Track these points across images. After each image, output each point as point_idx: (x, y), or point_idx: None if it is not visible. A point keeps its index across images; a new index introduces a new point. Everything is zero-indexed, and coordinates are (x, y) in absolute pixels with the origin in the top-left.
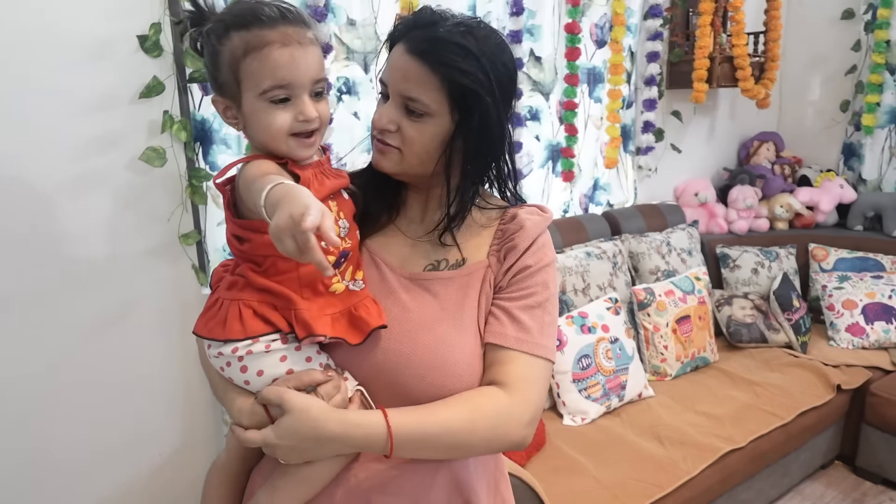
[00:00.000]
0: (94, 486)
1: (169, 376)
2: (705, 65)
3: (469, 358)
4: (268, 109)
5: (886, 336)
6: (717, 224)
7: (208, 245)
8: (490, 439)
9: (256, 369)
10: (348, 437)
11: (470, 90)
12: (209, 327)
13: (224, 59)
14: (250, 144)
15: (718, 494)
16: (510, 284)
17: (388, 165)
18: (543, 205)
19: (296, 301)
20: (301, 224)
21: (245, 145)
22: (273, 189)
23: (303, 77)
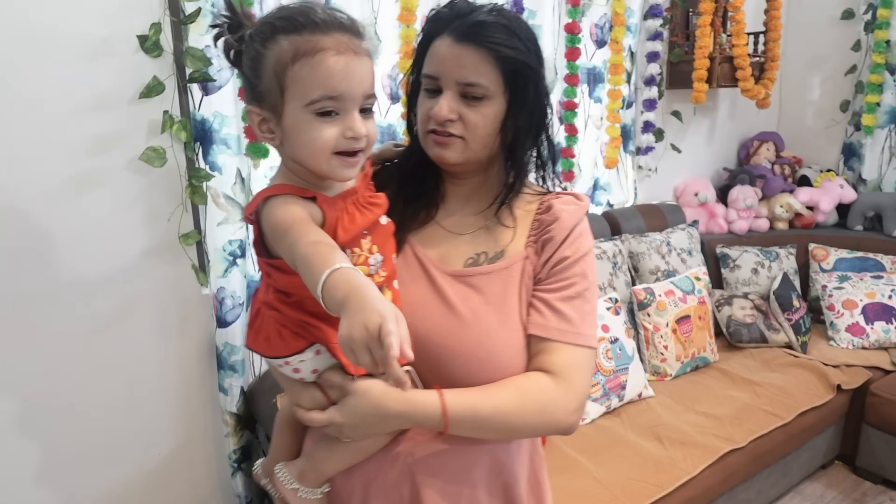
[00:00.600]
0: (94, 485)
1: (169, 376)
2: (705, 65)
3: (513, 350)
4: (313, 122)
5: (886, 336)
6: (717, 224)
7: (208, 245)
8: (537, 424)
9: (310, 369)
10: (407, 415)
11: (522, 65)
12: (258, 342)
13: (268, 65)
14: (283, 161)
15: (718, 494)
16: (549, 276)
17: (453, 156)
18: (579, 193)
19: (325, 331)
20: (383, 339)
21: (245, 145)
22: (333, 276)
23: (355, 89)
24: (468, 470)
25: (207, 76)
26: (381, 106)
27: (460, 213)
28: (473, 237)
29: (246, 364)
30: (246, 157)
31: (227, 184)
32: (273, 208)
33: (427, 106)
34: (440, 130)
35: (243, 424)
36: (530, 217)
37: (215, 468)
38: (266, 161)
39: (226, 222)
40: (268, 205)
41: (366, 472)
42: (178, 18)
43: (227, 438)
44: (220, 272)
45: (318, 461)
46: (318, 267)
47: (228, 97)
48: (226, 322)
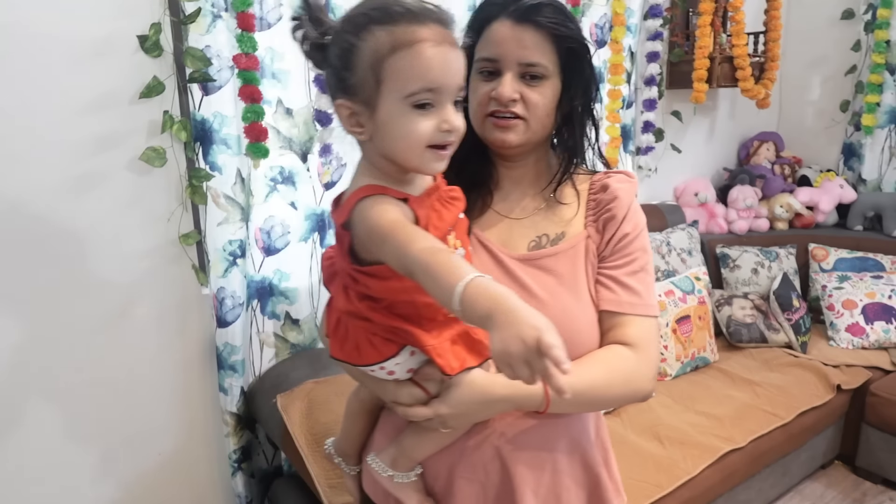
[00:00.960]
0: (94, 485)
1: (169, 376)
2: (705, 65)
3: (589, 326)
4: (409, 115)
5: (886, 336)
6: (717, 224)
7: (208, 245)
8: (624, 394)
9: (405, 369)
10: (511, 398)
11: (578, 43)
12: (346, 352)
13: (363, 57)
14: (364, 158)
15: (718, 494)
16: (613, 253)
17: (515, 138)
18: (628, 170)
19: (418, 335)
20: (547, 352)
21: (245, 145)
22: (469, 289)
23: (452, 82)
24: (552, 441)
25: (207, 76)
26: None
27: (515, 197)
28: (531, 220)
29: (246, 364)
30: (246, 157)
31: (227, 184)
32: (368, 210)
33: (486, 89)
34: (502, 112)
35: (243, 424)
36: (584, 196)
37: (215, 468)
38: (266, 161)
39: (226, 222)
40: (361, 206)
41: (451, 454)
42: (178, 18)
43: (227, 438)
44: (220, 272)
45: (407, 448)
46: (448, 279)
47: (228, 97)
48: (226, 322)
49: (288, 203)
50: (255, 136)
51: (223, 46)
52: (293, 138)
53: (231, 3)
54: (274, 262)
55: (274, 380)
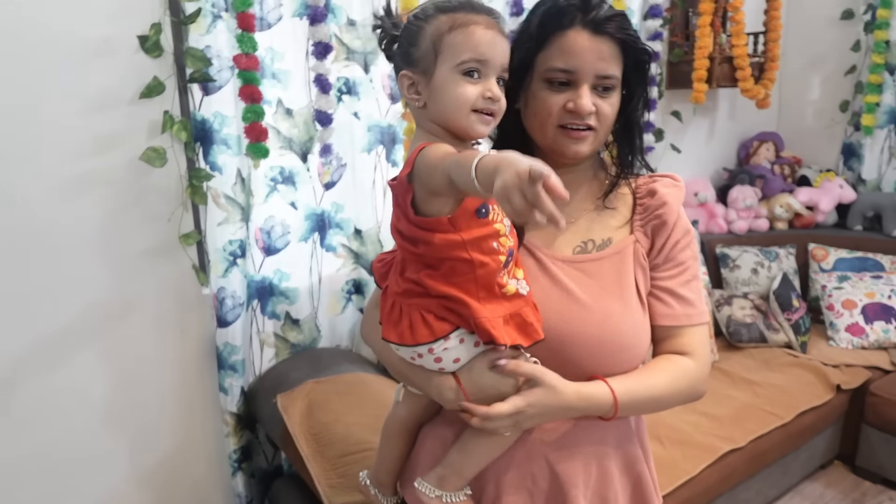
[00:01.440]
0: (94, 485)
1: (168, 376)
2: (705, 65)
3: (634, 330)
4: (459, 81)
5: (886, 336)
6: (716, 224)
7: (208, 245)
8: (684, 399)
9: (452, 358)
10: (582, 405)
11: (645, 52)
12: (399, 333)
13: (427, 34)
14: (419, 125)
15: (718, 494)
16: (666, 262)
17: (587, 149)
18: (674, 174)
19: (473, 306)
20: (535, 178)
21: (245, 145)
22: (483, 159)
23: (497, 58)
24: (597, 440)
25: (207, 76)
26: (380, 105)
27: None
28: (577, 226)
29: (246, 364)
30: (246, 157)
31: (228, 184)
32: (426, 152)
33: (558, 99)
34: (577, 124)
35: (243, 424)
36: (629, 200)
37: (215, 468)
38: (266, 161)
39: (226, 222)
40: (423, 153)
41: (496, 466)
42: (178, 18)
43: (227, 438)
44: (221, 272)
45: (456, 464)
46: (471, 157)
47: (228, 97)
48: (226, 322)
49: (288, 203)
50: (255, 136)
51: (223, 46)
52: (293, 138)
53: (231, 4)
54: (274, 262)
55: (274, 380)
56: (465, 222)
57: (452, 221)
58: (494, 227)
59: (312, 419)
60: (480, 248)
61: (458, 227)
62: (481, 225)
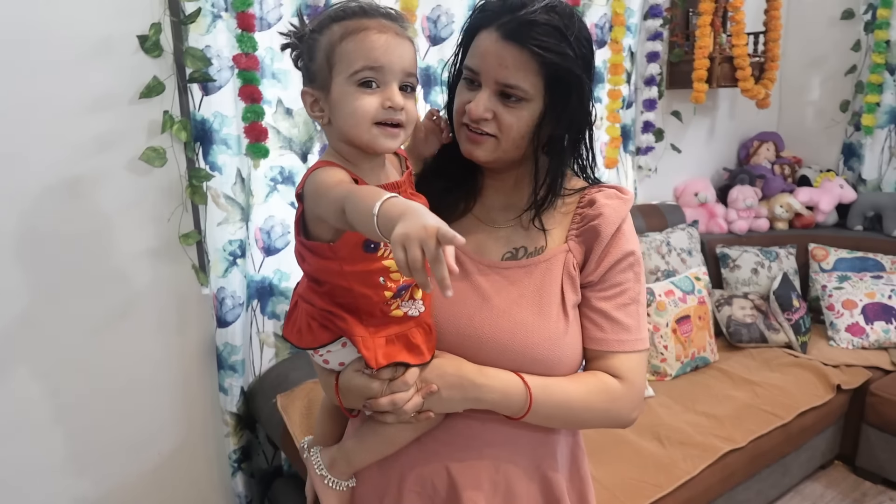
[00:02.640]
0: (94, 485)
1: (168, 376)
2: (705, 65)
3: (549, 342)
4: (356, 93)
5: (886, 336)
6: (717, 224)
7: (208, 245)
8: (604, 418)
9: (337, 361)
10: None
11: (568, 71)
12: (292, 333)
13: (321, 46)
14: (328, 144)
15: (718, 494)
16: (602, 281)
17: (483, 154)
18: (623, 186)
19: (350, 323)
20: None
21: (245, 145)
22: (389, 202)
23: (395, 64)
24: (508, 462)
25: (207, 76)
26: None
27: (498, 205)
28: (512, 231)
29: (246, 364)
30: (246, 157)
31: (227, 184)
32: (318, 175)
33: (464, 98)
34: (473, 127)
35: (243, 424)
36: (571, 209)
37: (215, 468)
38: (266, 161)
39: (226, 222)
40: (313, 174)
41: (401, 465)
42: (178, 18)
43: (227, 438)
44: (220, 272)
45: (349, 450)
46: (372, 199)
47: (228, 97)
48: (226, 322)
49: (288, 203)
50: (255, 136)
51: (223, 46)
52: (293, 138)
53: (231, 3)
54: (274, 262)
55: (274, 380)
56: (349, 253)
57: (333, 250)
58: (383, 264)
59: (312, 419)
60: (363, 281)
61: (339, 255)
62: (367, 259)
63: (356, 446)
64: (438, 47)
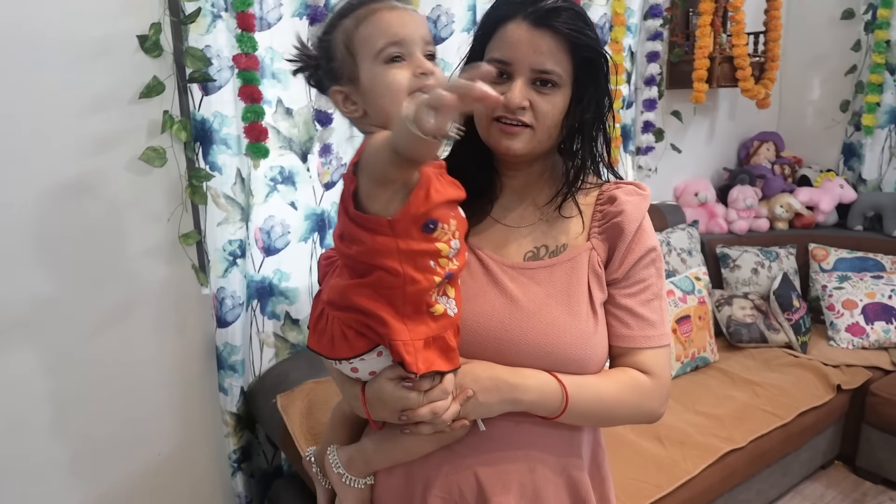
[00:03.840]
0: (94, 485)
1: (168, 376)
2: (705, 65)
3: (580, 340)
4: (386, 70)
5: (886, 336)
6: (717, 224)
7: (208, 245)
8: (634, 414)
9: (368, 369)
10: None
11: (597, 52)
12: (321, 344)
13: (337, 42)
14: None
15: (718, 494)
16: (626, 278)
17: (519, 146)
18: (640, 182)
19: (392, 326)
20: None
21: (245, 145)
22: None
23: (414, 33)
24: (535, 463)
25: (207, 76)
26: None
27: (517, 205)
28: (532, 230)
29: (246, 364)
30: (246, 157)
31: (227, 184)
32: (371, 140)
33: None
34: (509, 118)
35: (243, 424)
36: (590, 208)
37: (215, 468)
38: (266, 161)
39: (226, 222)
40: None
41: (426, 473)
42: (178, 18)
43: (227, 438)
44: (220, 272)
45: (367, 451)
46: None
47: (228, 97)
48: (226, 322)
49: (288, 203)
50: (255, 136)
51: (223, 46)
52: (293, 138)
53: (231, 3)
54: (274, 262)
55: (274, 380)
56: (406, 230)
57: (392, 225)
58: (437, 246)
59: (312, 419)
60: (415, 263)
61: (397, 232)
62: (423, 239)
63: (376, 449)
64: (438, 47)
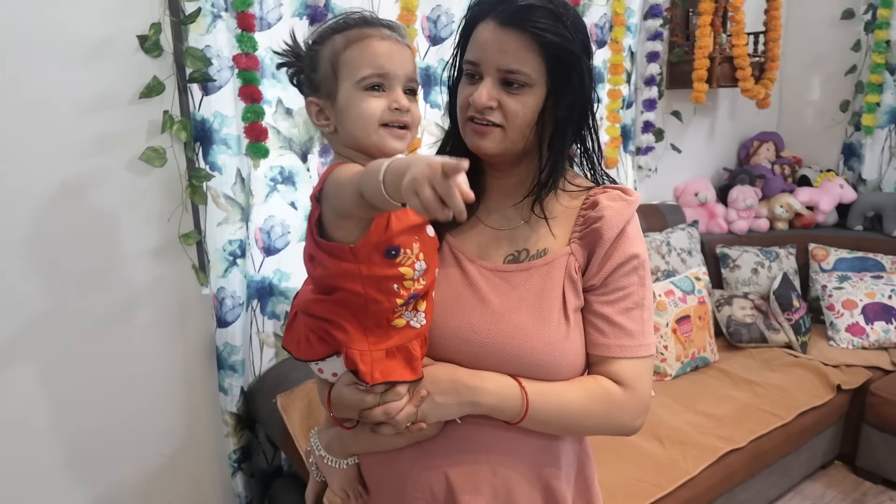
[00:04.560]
0: (94, 485)
1: (169, 376)
2: (705, 65)
3: (548, 346)
4: (362, 97)
5: (886, 336)
6: (717, 224)
7: (208, 245)
8: (603, 425)
9: (331, 371)
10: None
11: (567, 52)
12: (290, 344)
13: (324, 56)
14: (336, 151)
15: (718, 494)
16: (605, 285)
17: (490, 146)
18: (628, 187)
19: (351, 335)
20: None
21: (245, 145)
22: (394, 162)
23: (398, 69)
24: (508, 469)
25: (207, 76)
26: None
27: (500, 207)
28: (514, 233)
29: (246, 364)
30: (246, 157)
31: (227, 184)
32: (337, 172)
33: (467, 93)
34: (479, 118)
35: (243, 424)
36: (575, 211)
37: (216, 468)
38: (266, 161)
39: (226, 222)
40: (333, 172)
41: (403, 469)
42: (178, 18)
43: (227, 438)
44: (220, 272)
45: (342, 437)
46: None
47: (228, 97)
48: (226, 322)
49: (288, 203)
50: (255, 136)
51: (223, 46)
52: (293, 138)
53: (231, 3)
54: (274, 262)
55: (274, 380)
56: (368, 257)
57: (354, 251)
58: (400, 271)
59: (312, 419)
60: (378, 287)
61: (359, 258)
62: (386, 265)
63: (350, 438)
64: (438, 47)
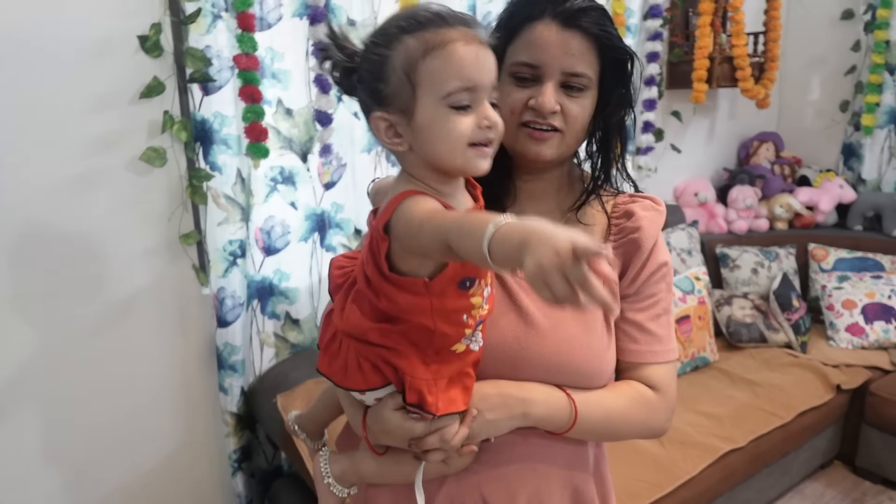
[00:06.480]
0: (95, 485)
1: (169, 376)
2: (705, 65)
3: (594, 357)
4: (449, 115)
5: (886, 336)
6: (716, 224)
7: (208, 245)
8: (641, 429)
9: (373, 396)
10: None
11: (624, 52)
12: (332, 370)
13: (395, 65)
14: (406, 171)
15: (718, 494)
16: (637, 293)
17: (550, 152)
18: (655, 196)
19: (414, 365)
20: (580, 255)
21: (245, 145)
22: (502, 229)
23: (486, 79)
24: (541, 476)
25: (207, 76)
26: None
27: (531, 213)
28: None
29: (246, 364)
30: (246, 157)
31: (228, 184)
32: (409, 205)
33: (521, 95)
34: (540, 124)
35: (243, 424)
36: (604, 218)
37: (216, 468)
38: (266, 161)
39: (226, 222)
40: (403, 205)
41: (429, 484)
42: (178, 18)
43: (228, 438)
44: (221, 272)
45: (364, 470)
46: (481, 224)
47: (228, 97)
48: (226, 322)
49: (288, 203)
50: (255, 136)
51: (223, 46)
52: (293, 138)
53: (231, 3)
54: (274, 262)
55: (274, 380)
56: (442, 290)
57: (428, 286)
58: (471, 301)
59: None
60: (448, 319)
61: (432, 292)
62: (459, 297)
63: (373, 471)
64: None
